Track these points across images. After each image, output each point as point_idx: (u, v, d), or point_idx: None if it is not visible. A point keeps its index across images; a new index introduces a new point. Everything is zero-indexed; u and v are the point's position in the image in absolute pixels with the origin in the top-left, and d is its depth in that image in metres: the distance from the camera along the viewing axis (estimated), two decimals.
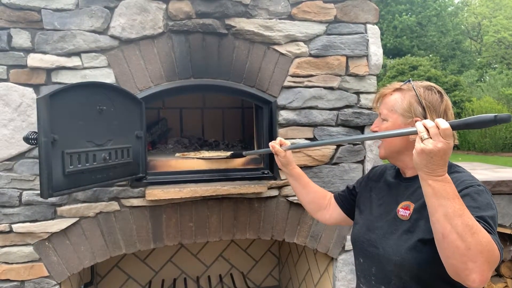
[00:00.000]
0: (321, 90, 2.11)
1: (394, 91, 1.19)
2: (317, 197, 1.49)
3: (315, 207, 1.49)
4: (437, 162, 0.87)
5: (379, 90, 1.26)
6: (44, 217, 1.84)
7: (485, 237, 0.85)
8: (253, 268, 3.20)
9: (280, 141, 1.47)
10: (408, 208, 1.10)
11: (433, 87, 1.15)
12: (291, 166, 1.49)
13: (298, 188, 1.51)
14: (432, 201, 0.89)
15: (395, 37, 20.43)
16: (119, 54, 1.89)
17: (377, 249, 1.13)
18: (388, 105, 1.18)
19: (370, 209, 1.25)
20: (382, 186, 1.27)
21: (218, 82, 2.01)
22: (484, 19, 21.51)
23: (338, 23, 2.12)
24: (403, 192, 1.16)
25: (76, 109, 1.57)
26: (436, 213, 0.88)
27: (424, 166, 0.89)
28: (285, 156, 1.46)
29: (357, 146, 2.18)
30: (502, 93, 14.52)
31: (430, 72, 14.05)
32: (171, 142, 2.70)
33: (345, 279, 2.23)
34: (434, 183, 0.88)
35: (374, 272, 1.15)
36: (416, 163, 0.91)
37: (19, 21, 1.78)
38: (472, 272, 0.83)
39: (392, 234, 1.11)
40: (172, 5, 1.92)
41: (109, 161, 1.70)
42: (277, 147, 1.46)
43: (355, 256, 1.27)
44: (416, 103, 1.13)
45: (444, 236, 0.86)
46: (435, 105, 1.12)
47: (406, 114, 1.14)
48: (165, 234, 1.99)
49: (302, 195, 1.51)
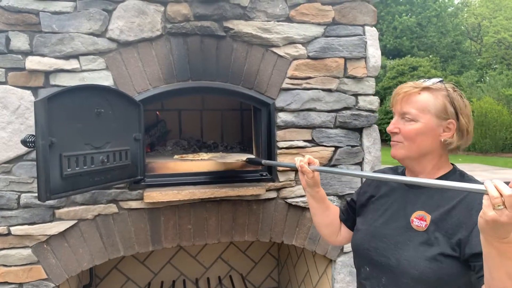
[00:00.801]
0: (319, 92, 2.11)
1: (422, 90, 1.10)
2: (335, 219, 1.38)
3: (332, 229, 1.38)
4: (509, 229, 0.78)
5: (401, 88, 1.14)
6: (42, 220, 1.84)
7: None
8: (252, 270, 3.20)
9: (309, 159, 1.30)
10: (424, 219, 1.05)
11: (456, 89, 1.11)
12: (317, 188, 1.32)
13: (318, 210, 1.36)
14: (495, 260, 0.85)
15: (395, 37, 20.46)
16: (117, 56, 1.89)
17: (389, 259, 1.08)
18: (418, 104, 1.09)
19: (373, 216, 1.20)
20: (385, 191, 1.21)
21: (217, 84, 2.01)
22: (484, 20, 21.53)
23: (336, 25, 2.12)
24: (413, 200, 1.11)
25: (74, 112, 1.57)
26: (498, 272, 0.85)
27: (493, 233, 0.80)
28: (313, 178, 1.29)
29: (355, 148, 2.18)
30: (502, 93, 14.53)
31: (430, 72, 14.06)
32: (170, 144, 2.70)
33: (344, 281, 2.23)
34: (500, 245, 0.82)
35: (385, 282, 1.10)
36: (482, 228, 0.82)
37: (17, 24, 1.79)
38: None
39: (406, 245, 1.06)
40: (170, 7, 1.92)
41: (107, 163, 1.70)
42: (305, 166, 1.28)
43: (359, 263, 1.21)
44: (449, 104, 1.07)
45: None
46: (462, 107, 1.08)
47: (441, 115, 1.07)
48: (164, 236, 1.99)
49: (322, 217, 1.37)
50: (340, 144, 2.15)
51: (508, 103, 14.05)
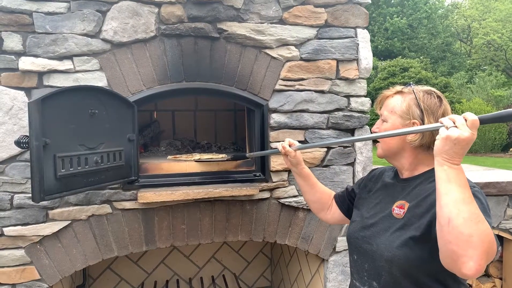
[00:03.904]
0: (312, 93, 2.14)
1: (395, 93, 1.23)
2: (323, 197, 1.52)
3: (320, 206, 1.53)
4: (458, 150, 0.90)
5: (381, 92, 1.29)
6: (35, 220, 1.84)
7: (488, 228, 0.88)
8: (245, 269, 3.22)
9: (289, 142, 1.50)
10: (403, 207, 1.13)
11: (433, 92, 1.19)
12: (301, 166, 1.51)
13: (305, 187, 1.54)
14: (443, 186, 0.92)
15: (386, 39, 20.63)
16: (111, 57, 1.90)
17: (371, 245, 1.17)
18: (389, 106, 1.22)
19: (367, 208, 1.29)
20: (380, 186, 1.31)
21: (210, 86, 2.03)
22: (474, 22, 21.80)
23: (329, 28, 2.15)
24: (399, 192, 1.19)
25: (68, 113, 1.58)
26: (446, 197, 0.91)
27: (445, 152, 0.92)
28: (295, 156, 1.48)
29: (348, 148, 2.21)
30: (491, 94, 14.75)
31: (420, 74, 14.21)
32: (164, 144, 2.71)
33: (336, 280, 2.25)
34: (450, 169, 0.92)
35: (367, 268, 1.18)
36: (437, 149, 0.93)
37: (10, 24, 1.78)
38: (470, 259, 0.85)
39: (385, 231, 1.14)
40: (164, 9, 1.93)
41: (101, 164, 1.71)
42: (287, 147, 1.48)
43: (350, 253, 1.30)
44: (414, 106, 1.16)
45: (450, 219, 0.88)
46: (433, 109, 1.15)
47: (405, 116, 1.18)
48: (158, 237, 2.00)
49: (309, 194, 1.54)
50: (332, 145, 2.18)
51: (497, 104, 14.26)
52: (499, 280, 2.81)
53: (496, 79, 17.97)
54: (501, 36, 19.40)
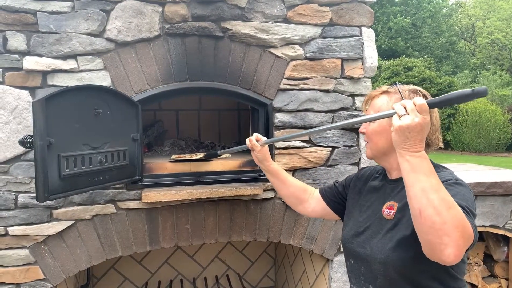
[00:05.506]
0: (317, 92, 2.12)
1: (381, 93, 1.23)
2: (296, 191, 1.52)
3: (295, 200, 1.53)
4: (414, 137, 0.91)
5: (369, 92, 1.30)
6: (40, 220, 1.84)
7: (460, 213, 0.87)
8: (249, 269, 3.21)
9: (256, 136, 1.50)
10: (392, 208, 1.13)
11: (418, 91, 1.18)
12: (267, 162, 1.51)
13: (276, 183, 1.54)
14: (409, 177, 0.91)
15: (389, 38, 20.54)
16: (115, 57, 1.89)
17: (365, 249, 1.17)
18: (375, 107, 1.22)
19: (359, 212, 1.28)
20: (369, 188, 1.30)
21: (214, 85, 2.02)
22: (478, 21, 21.69)
23: (333, 26, 2.13)
24: (388, 193, 1.20)
25: (72, 112, 1.57)
26: (413, 188, 0.90)
27: (402, 143, 0.92)
28: (260, 151, 1.48)
29: (352, 148, 2.19)
30: (495, 94, 14.66)
31: (424, 73, 14.13)
32: (167, 144, 2.71)
33: (341, 280, 2.24)
34: (412, 158, 0.91)
35: (363, 271, 1.18)
36: (394, 141, 0.94)
37: (14, 24, 1.78)
38: (447, 246, 0.84)
39: (378, 234, 1.14)
40: (168, 8, 1.93)
41: (105, 164, 1.70)
42: (253, 141, 1.48)
43: (346, 257, 1.30)
44: None
45: (421, 210, 0.88)
46: None
47: None
48: (162, 236, 1.99)
49: (282, 190, 1.54)
50: (337, 144, 2.17)
51: (501, 103, 14.18)
52: (505, 280, 2.78)
53: (501, 78, 17.86)
54: (506, 35, 19.29)
